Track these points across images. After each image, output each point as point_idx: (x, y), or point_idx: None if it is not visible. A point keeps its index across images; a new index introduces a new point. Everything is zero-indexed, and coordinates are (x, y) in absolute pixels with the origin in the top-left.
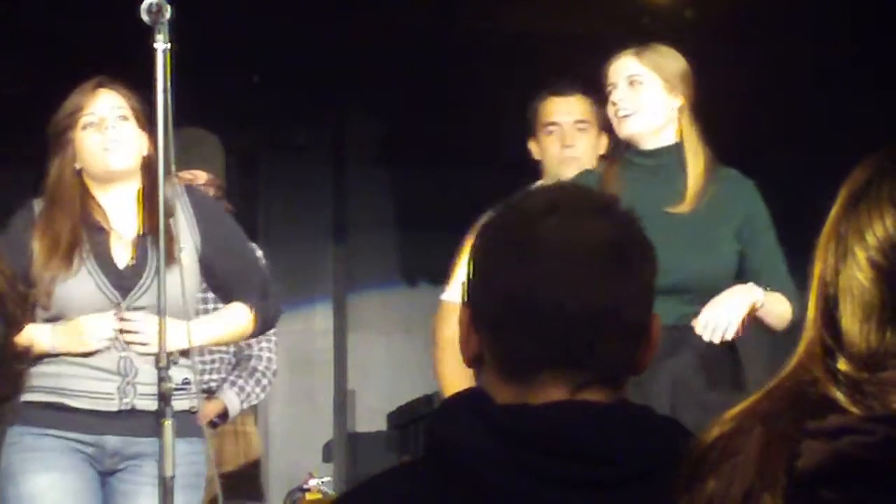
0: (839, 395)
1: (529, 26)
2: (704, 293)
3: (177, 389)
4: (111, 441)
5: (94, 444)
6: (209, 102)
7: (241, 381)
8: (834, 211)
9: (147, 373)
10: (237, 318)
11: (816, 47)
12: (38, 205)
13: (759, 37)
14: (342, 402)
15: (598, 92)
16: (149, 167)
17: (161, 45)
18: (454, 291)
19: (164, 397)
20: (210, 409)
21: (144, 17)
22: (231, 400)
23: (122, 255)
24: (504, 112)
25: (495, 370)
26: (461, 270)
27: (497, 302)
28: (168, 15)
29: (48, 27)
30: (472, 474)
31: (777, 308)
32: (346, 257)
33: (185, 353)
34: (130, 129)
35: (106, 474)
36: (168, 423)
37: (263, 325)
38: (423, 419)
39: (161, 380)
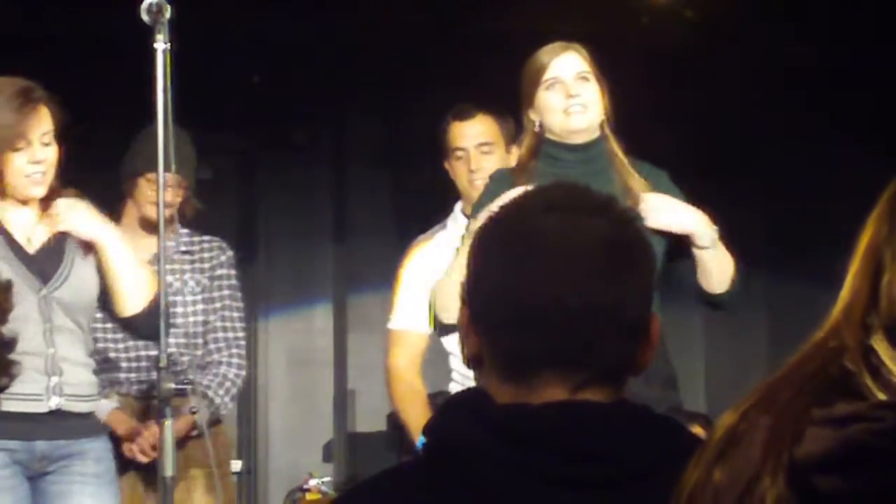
0: (863, 368)
1: (529, 26)
2: None
3: (177, 390)
4: (40, 445)
5: (23, 450)
6: (209, 102)
7: (210, 393)
8: (892, 185)
9: (72, 373)
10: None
11: (817, 46)
12: None
13: (759, 36)
14: (342, 402)
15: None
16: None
17: (161, 45)
18: (396, 320)
19: (163, 398)
20: (180, 428)
21: (144, 17)
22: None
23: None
24: (504, 111)
25: (495, 370)
26: (398, 298)
27: (495, 302)
28: (168, 15)
29: (48, 27)
30: (472, 474)
31: (724, 259)
32: (346, 257)
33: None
34: (53, 153)
35: (34, 478)
36: (168, 423)
37: (153, 303)
38: None
39: (160, 380)
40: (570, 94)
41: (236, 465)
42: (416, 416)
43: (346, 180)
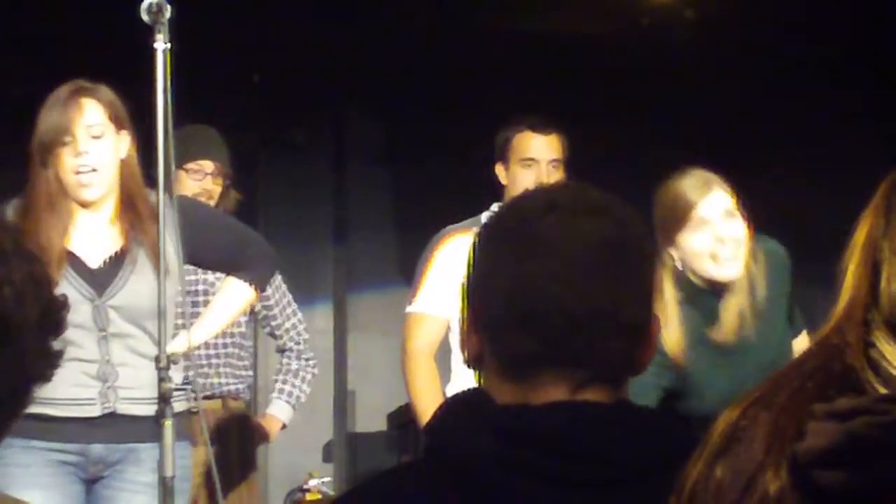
0: (864, 363)
1: (529, 26)
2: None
3: (177, 390)
4: (95, 449)
5: (78, 453)
6: (209, 102)
7: (287, 387)
8: (888, 178)
9: (126, 377)
10: (236, 295)
11: (817, 46)
12: None
13: (759, 36)
14: (342, 402)
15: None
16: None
17: (161, 45)
18: (420, 303)
19: (163, 398)
20: (271, 430)
21: (144, 17)
22: (282, 410)
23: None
24: (504, 111)
25: (495, 370)
26: (426, 283)
27: (496, 301)
28: (168, 15)
29: (48, 27)
30: (472, 474)
31: None
32: (346, 257)
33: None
34: (105, 148)
35: (90, 482)
36: (168, 424)
37: (261, 288)
38: None
39: (161, 380)
40: (720, 238)
41: None
42: (429, 403)
43: (346, 179)
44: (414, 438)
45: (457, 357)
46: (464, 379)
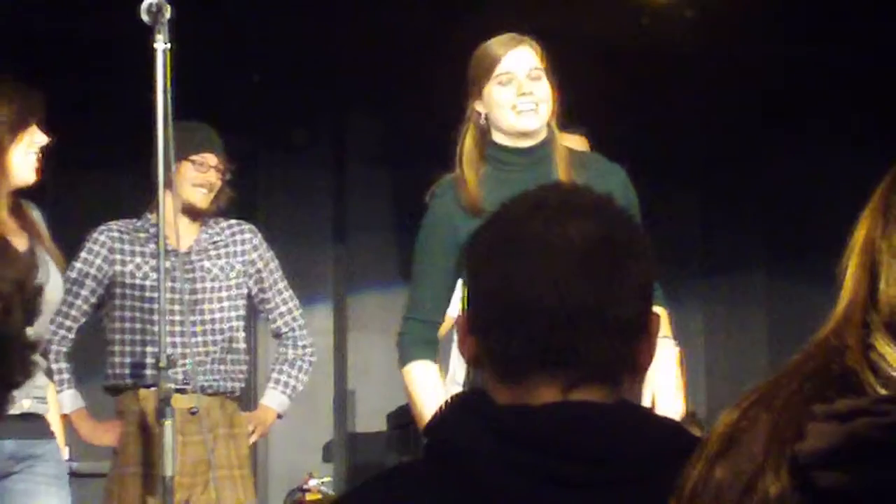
0: (864, 366)
1: (529, 26)
2: None
3: (177, 389)
4: (8, 445)
5: None
6: (209, 102)
7: (283, 377)
8: (886, 179)
9: (39, 377)
10: None
11: (816, 46)
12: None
13: (759, 36)
14: (342, 402)
15: None
16: None
17: (161, 45)
18: None
19: (164, 398)
20: (266, 420)
21: (144, 17)
22: (277, 400)
23: None
24: None
25: (490, 371)
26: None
27: (485, 302)
28: (168, 15)
29: (48, 27)
30: (472, 474)
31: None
32: (346, 257)
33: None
34: None
35: (1, 477)
36: (168, 424)
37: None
38: None
39: (161, 380)
40: (523, 92)
41: None
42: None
43: (346, 180)
44: (414, 438)
45: (455, 355)
46: (459, 376)
